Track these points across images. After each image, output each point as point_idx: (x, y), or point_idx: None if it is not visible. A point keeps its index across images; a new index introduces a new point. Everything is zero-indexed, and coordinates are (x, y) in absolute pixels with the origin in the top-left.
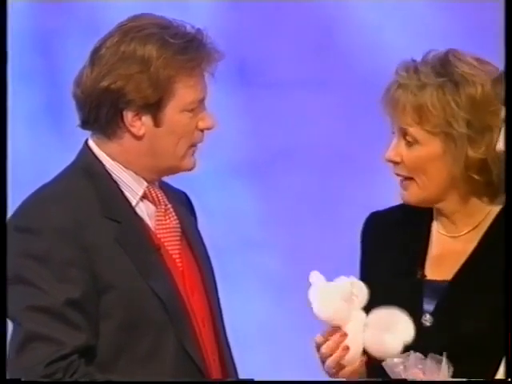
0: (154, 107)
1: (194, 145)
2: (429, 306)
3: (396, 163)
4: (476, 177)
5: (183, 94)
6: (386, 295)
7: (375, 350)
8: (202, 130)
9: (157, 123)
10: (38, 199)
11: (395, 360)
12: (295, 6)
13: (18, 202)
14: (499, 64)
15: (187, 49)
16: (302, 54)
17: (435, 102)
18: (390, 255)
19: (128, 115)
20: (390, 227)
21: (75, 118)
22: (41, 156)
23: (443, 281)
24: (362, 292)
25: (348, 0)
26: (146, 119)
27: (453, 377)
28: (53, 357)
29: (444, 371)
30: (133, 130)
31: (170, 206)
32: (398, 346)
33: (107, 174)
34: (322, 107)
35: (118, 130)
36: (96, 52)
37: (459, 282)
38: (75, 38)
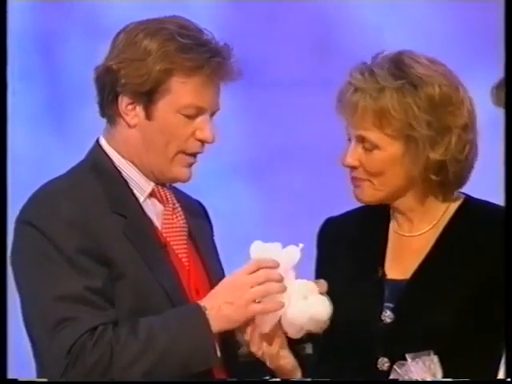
0: (146, 98)
1: (186, 152)
2: (389, 303)
3: (354, 168)
4: (433, 177)
5: (179, 93)
6: (347, 295)
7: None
8: (199, 141)
9: (148, 115)
10: (48, 193)
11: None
12: (295, 6)
13: (18, 202)
14: (499, 64)
15: (191, 49)
16: (301, 53)
17: (396, 105)
18: (348, 257)
19: (123, 101)
20: (347, 230)
21: (75, 118)
22: (41, 156)
23: (403, 280)
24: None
25: (348, 0)
26: (140, 110)
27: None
28: (81, 332)
29: (434, 369)
30: (126, 117)
31: (177, 205)
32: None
33: (116, 171)
34: (322, 107)
35: (116, 115)
36: (117, 35)
37: (418, 281)
38: (75, 38)
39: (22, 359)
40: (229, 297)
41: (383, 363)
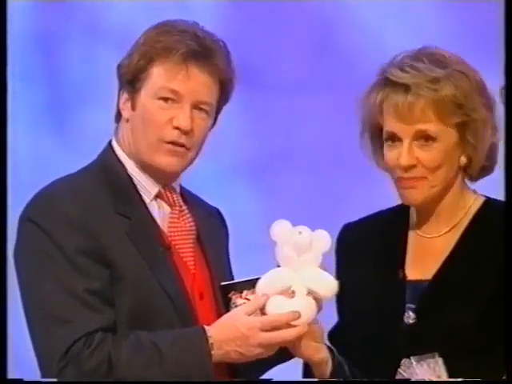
0: (131, 87)
1: (165, 140)
2: (411, 304)
3: (411, 167)
4: (486, 163)
5: (156, 76)
6: (368, 297)
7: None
8: (176, 128)
9: (133, 106)
10: (52, 192)
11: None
12: (295, 7)
13: (19, 203)
14: (499, 64)
15: (167, 33)
16: (302, 54)
17: (455, 91)
18: (369, 260)
19: (122, 97)
20: (366, 235)
21: (76, 118)
22: (41, 156)
23: (424, 280)
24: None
25: (348, 0)
26: (129, 102)
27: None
28: (77, 336)
29: (439, 371)
30: (123, 112)
31: (185, 207)
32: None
33: (124, 173)
34: (322, 108)
35: (118, 111)
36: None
37: (440, 281)
38: (76, 38)
39: (22, 359)
40: (242, 348)
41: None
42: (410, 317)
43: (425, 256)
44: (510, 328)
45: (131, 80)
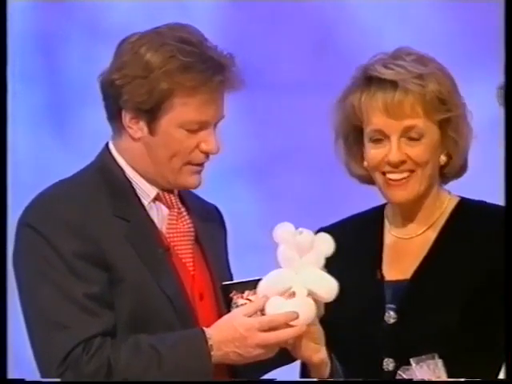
0: (148, 115)
1: (192, 163)
2: (391, 304)
3: (401, 163)
4: (464, 162)
5: (181, 110)
6: (348, 300)
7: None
8: (204, 152)
9: (151, 131)
10: (49, 196)
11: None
12: (295, 7)
13: (19, 204)
14: (499, 64)
15: (192, 68)
16: (302, 55)
17: (439, 87)
18: (345, 264)
19: (126, 116)
20: (341, 239)
21: (76, 119)
22: (41, 156)
23: (403, 280)
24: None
25: (348, 0)
26: (143, 125)
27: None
28: (76, 341)
29: (439, 372)
30: (130, 131)
31: (183, 209)
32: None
33: (122, 176)
34: (322, 108)
35: (120, 126)
36: (121, 44)
37: (419, 280)
38: (76, 39)
39: (22, 359)
40: (240, 349)
41: (388, 364)
42: (390, 316)
43: (402, 256)
44: (509, 327)
45: (149, 109)
